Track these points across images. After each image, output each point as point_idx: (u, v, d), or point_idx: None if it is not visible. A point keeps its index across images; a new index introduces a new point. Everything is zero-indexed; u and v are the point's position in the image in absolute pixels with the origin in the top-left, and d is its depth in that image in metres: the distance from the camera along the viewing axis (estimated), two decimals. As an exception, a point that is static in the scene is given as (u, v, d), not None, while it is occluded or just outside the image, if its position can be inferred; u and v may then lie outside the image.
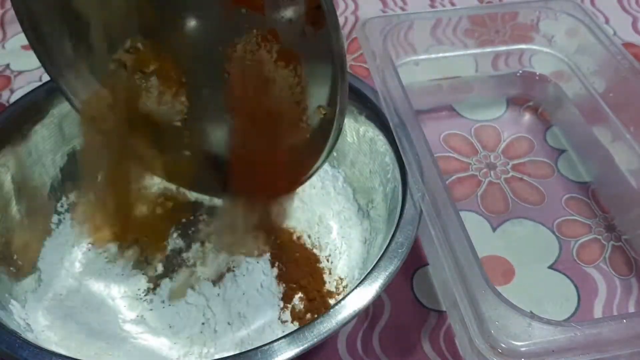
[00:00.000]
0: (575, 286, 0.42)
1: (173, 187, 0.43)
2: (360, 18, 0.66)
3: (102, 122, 0.37)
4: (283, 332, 0.37)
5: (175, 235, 0.42)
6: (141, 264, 0.40)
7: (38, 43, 0.37)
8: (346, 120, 0.43)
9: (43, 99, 0.41)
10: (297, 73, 0.34)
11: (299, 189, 0.45)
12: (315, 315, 0.35)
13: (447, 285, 0.38)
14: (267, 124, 0.35)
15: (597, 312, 0.40)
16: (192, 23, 0.35)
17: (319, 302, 0.38)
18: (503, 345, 0.29)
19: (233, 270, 0.39)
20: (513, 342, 0.29)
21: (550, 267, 0.43)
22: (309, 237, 0.42)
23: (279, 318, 0.38)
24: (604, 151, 0.48)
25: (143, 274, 0.40)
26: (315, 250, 0.41)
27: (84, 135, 0.40)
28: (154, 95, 0.37)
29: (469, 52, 0.54)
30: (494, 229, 0.45)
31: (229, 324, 0.37)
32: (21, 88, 0.57)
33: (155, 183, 0.43)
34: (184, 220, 0.43)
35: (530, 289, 0.41)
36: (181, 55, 0.36)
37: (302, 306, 0.38)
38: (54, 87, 0.39)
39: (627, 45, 0.62)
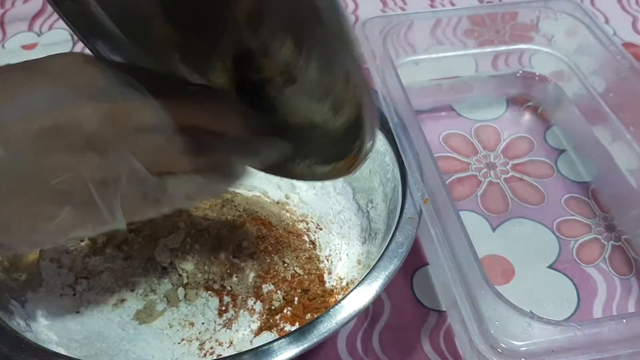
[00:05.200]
0: (575, 286, 0.42)
1: None
2: (360, 18, 0.66)
3: None
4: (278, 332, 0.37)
5: (173, 236, 0.42)
6: (141, 264, 0.40)
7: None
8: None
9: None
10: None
11: (299, 190, 0.45)
12: (315, 315, 0.35)
13: (447, 285, 0.38)
14: None
15: (597, 312, 0.40)
16: None
17: (319, 302, 0.38)
18: (503, 345, 0.29)
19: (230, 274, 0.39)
20: (513, 342, 0.29)
21: (550, 267, 0.43)
22: (309, 237, 0.42)
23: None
24: (604, 151, 0.48)
25: (143, 274, 0.40)
26: (315, 250, 0.41)
27: None
28: None
29: (469, 52, 0.54)
30: (494, 229, 0.45)
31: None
32: (21, 88, 0.57)
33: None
34: (181, 225, 0.42)
35: (530, 289, 0.42)
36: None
37: (289, 312, 0.38)
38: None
39: (627, 45, 0.62)
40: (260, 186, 0.46)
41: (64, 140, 0.25)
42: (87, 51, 0.37)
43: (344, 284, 0.39)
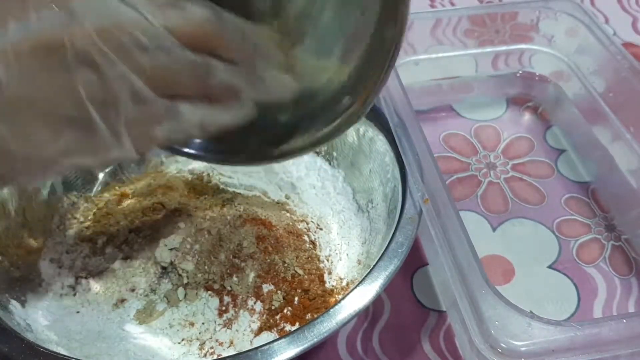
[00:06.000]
0: (575, 286, 0.42)
1: (168, 199, 0.44)
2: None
3: None
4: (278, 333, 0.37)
5: (173, 236, 0.42)
6: (141, 264, 0.40)
7: None
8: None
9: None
10: None
11: (300, 190, 0.45)
12: (315, 315, 0.35)
13: (447, 285, 0.38)
14: None
15: (597, 312, 0.40)
16: None
17: (319, 302, 0.38)
18: (503, 345, 0.29)
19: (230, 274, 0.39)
20: (513, 342, 0.29)
21: (550, 267, 0.43)
22: (309, 237, 0.42)
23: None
24: (604, 151, 0.48)
25: (143, 274, 0.40)
26: (315, 250, 0.41)
27: None
28: None
29: (469, 52, 0.54)
30: (494, 229, 0.45)
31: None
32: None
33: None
34: (181, 225, 0.42)
35: (530, 289, 0.42)
36: None
37: (289, 312, 0.38)
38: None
39: (627, 45, 0.62)
40: (260, 186, 0.46)
41: (57, 58, 0.24)
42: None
43: (344, 284, 0.39)
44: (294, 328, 0.36)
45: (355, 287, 0.32)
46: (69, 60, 0.24)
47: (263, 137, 0.37)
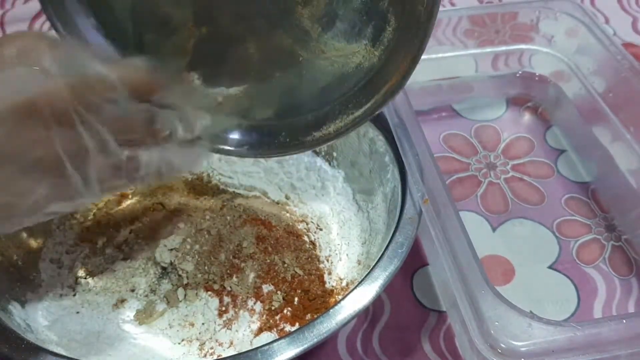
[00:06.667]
0: (575, 286, 0.42)
1: (167, 199, 0.44)
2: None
3: None
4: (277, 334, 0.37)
5: (173, 237, 0.42)
6: (141, 264, 0.40)
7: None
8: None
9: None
10: None
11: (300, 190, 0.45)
12: (315, 316, 0.35)
13: (447, 285, 0.38)
14: None
15: (597, 312, 0.40)
16: None
17: (319, 302, 0.38)
18: (503, 346, 0.29)
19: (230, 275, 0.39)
20: (513, 342, 0.29)
21: (550, 267, 0.43)
22: (309, 237, 0.42)
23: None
24: (604, 151, 0.48)
25: (143, 274, 0.40)
26: (315, 250, 0.41)
27: None
28: None
29: (469, 52, 0.54)
30: (494, 229, 0.45)
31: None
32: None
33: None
34: (181, 225, 0.42)
35: (530, 289, 0.42)
36: None
37: (288, 313, 0.38)
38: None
39: (627, 45, 0.62)
40: (261, 186, 0.46)
41: (37, 116, 0.26)
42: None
43: (344, 284, 0.39)
44: (294, 328, 0.36)
45: (355, 288, 0.32)
46: (48, 119, 0.26)
47: (294, 127, 0.38)
